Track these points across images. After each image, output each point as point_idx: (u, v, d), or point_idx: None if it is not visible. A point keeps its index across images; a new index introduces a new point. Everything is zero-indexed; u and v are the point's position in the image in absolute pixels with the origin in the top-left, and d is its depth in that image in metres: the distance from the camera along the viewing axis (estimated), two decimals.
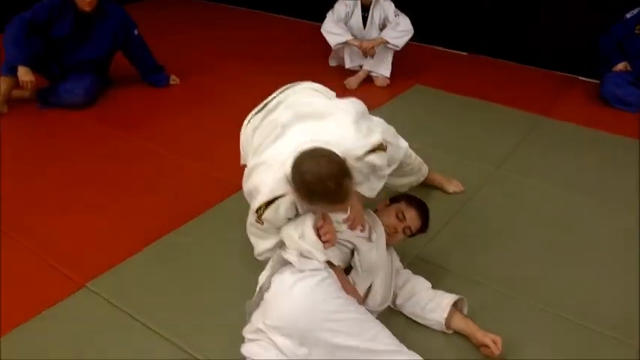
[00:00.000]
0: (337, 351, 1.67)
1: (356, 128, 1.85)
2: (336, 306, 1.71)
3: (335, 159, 1.69)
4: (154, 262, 2.38)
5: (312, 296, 1.70)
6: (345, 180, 1.66)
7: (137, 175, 3.03)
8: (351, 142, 1.81)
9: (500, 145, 3.37)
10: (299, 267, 1.78)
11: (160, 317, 2.08)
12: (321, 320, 1.68)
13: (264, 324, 1.74)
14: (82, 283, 2.24)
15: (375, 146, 1.86)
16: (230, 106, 3.86)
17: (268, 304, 1.76)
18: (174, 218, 2.63)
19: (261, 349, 1.74)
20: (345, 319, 1.69)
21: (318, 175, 1.63)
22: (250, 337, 1.79)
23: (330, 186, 1.63)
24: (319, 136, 1.77)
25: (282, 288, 1.75)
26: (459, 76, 4.50)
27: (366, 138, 1.86)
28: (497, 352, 1.86)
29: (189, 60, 4.67)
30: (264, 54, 4.87)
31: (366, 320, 1.75)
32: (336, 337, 1.67)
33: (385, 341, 1.72)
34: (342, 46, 4.12)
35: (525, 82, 4.40)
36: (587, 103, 4.02)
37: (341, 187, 1.65)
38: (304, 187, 1.66)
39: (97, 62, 3.86)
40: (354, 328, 1.69)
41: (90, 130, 3.51)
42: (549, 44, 4.60)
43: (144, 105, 3.90)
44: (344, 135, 1.81)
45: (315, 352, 1.68)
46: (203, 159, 3.16)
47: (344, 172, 1.67)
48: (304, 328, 1.67)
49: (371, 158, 1.86)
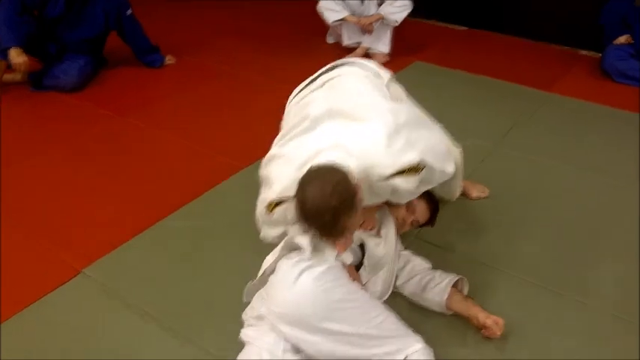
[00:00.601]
0: (344, 338, 1.65)
1: (388, 143, 1.67)
2: (342, 294, 1.67)
3: (342, 188, 1.51)
4: (151, 246, 2.36)
5: (318, 284, 1.66)
6: (344, 216, 1.51)
7: (133, 158, 3.00)
8: (378, 158, 1.66)
9: (499, 122, 3.32)
10: (309, 254, 1.72)
11: (156, 303, 2.07)
12: (328, 309, 1.64)
13: (268, 309, 1.71)
14: (79, 268, 2.23)
15: (406, 167, 1.67)
16: (226, 86, 3.82)
17: (273, 289, 1.72)
18: (171, 201, 2.60)
19: (259, 332, 1.72)
20: (350, 308, 1.66)
21: (317, 206, 1.50)
22: (251, 322, 1.77)
23: (326, 219, 1.51)
24: (346, 140, 1.68)
25: (288, 275, 1.69)
26: (460, 52, 4.43)
27: (398, 156, 1.67)
28: (499, 334, 1.84)
29: (185, 39, 4.60)
30: (260, 32, 4.80)
31: (372, 307, 1.72)
32: (343, 326, 1.64)
33: (392, 327, 1.70)
34: (340, 23, 4.05)
35: (526, 57, 4.33)
36: (588, 78, 3.96)
37: (337, 222, 1.51)
38: (300, 212, 1.55)
39: (90, 42, 3.81)
40: (361, 316, 1.66)
41: (84, 112, 3.47)
42: (551, 17, 4.52)
43: (139, 86, 3.85)
44: (373, 147, 1.67)
45: (321, 340, 1.65)
46: (199, 140, 3.12)
47: (346, 206, 1.51)
48: (311, 316, 1.64)
49: (397, 182, 1.68)
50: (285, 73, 3.90)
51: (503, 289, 2.13)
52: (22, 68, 3.53)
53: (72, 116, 3.43)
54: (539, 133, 3.22)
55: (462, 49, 4.49)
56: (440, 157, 1.82)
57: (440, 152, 1.84)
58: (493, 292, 2.09)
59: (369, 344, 1.65)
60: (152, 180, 2.80)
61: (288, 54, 4.29)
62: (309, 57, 4.21)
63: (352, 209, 1.53)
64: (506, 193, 2.68)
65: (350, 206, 1.52)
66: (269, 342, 1.67)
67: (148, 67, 4.05)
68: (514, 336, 1.92)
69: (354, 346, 1.65)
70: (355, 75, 2.02)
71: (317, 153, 1.67)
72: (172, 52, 4.19)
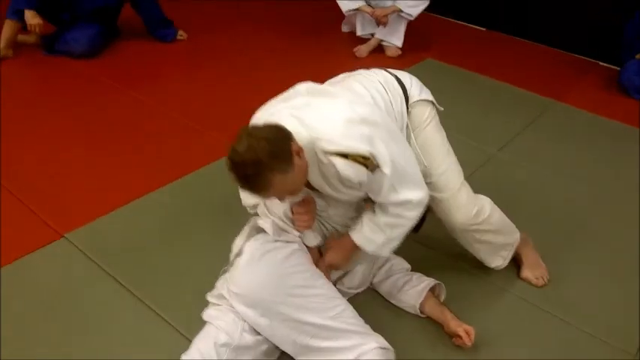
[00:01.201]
0: (299, 326, 1.65)
1: (345, 125, 1.59)
2: (303, 280, 1.68)
3: (272, 144, 1.46)
4: (135, 218, 2.37)
5: (279, 268, 1.68)
6: (269, 172, 1.46)
7: (131, 130, 3.00)
8: (326, 133, 1.57)
9: (505, 128, 3.27)
10: (273, 236, 1.75)
11: (132, 274, 2.08)
12: (286, 294, 1.65)
13: (227, 290, 1.72)
14: (61, 232, 2.24)
15: (352, 154, 1.56)
16: (235, 67, 3.80)
17: (235, 270, 1.73)
18: (162, 176, 2.61)
19: (219, 312, 1.72)
20: (309, 295, 1.66)
21: (242, 159, 1.45)
22: (213, 302, 1.78)
23: (248, 172, 1.46)
24: (305, 113, 1.63)
25: (251, 257, 1.72)
26: (474, 53, 4.36)
27: (348, 139, 1.57)
28: (469, 344, 1.82)
29: (199, 17, 4.58)
30: (276, 17, 4.76)
31: (332, 297, 1.72)
32: (299, 313, 1.64)
33: (349, 321, 1.69)
34: (355, 12, 4.00)
35: (542, 64, 4.25)
36: (603, 90, 3.87)
37: (260, 176, 1.46)
38: (228, 162, 1.49)
39: (105, 11, 3.81)
40: (318, 305, 1.66)
41: (91, 81, 3.48)
42: (572, 26, 4.42)
43: (148, 59, 3.85)
44: (326, 122, 1.60)
45: (276, 324, 1.65)
46: (198, 118, 3.12)
47: (274, 163, 1.45)
48: (267, 300, 1.65)
49: (339, 164, 1.56)
50: (296, 57, 3.89)
51: (483, 298, 2.10)
52: (37, 30, 3.56)
53: (78, 83, 3.45)
54: (543, 142, 3.16)
55: (477, 51, 4.42)
56: (401, 174, 1.66)
57: (404, 171, 1.68)
58: (472, 300, 2.06)
59: (322, 335, 1.64)
60: (146, 153, 2.80)
61: (301, 39, 4.26)
62: (322, 44, 4.18)
63: (281, 169, 1.48)
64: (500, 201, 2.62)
65: (279, 165, 1.47)
66: (227, 322, 1.67)
67: (160, 42, 4.04)
68: (486, 346, 1.89)
69: (307, 335, 1.64)
70: (367, 78, 1.93)
71: (271, 115, 1.63)
72: (185, 28, 4.17)
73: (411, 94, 1.93)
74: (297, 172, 1.53)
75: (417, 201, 1.71)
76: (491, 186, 2.69)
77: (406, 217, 1.73)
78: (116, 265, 2.11)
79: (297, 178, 1.56)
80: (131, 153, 2.80)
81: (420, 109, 1.95)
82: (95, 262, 2.12)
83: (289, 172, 1.50)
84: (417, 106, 1.94)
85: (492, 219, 2.01)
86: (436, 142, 1.96)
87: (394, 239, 1.79)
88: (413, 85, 1.97)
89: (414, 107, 1.93)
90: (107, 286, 2.03)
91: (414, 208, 1.72)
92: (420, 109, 1.95)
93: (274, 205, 1.83)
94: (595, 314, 2.06)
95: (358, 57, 4.00)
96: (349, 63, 3.96)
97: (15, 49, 3.68)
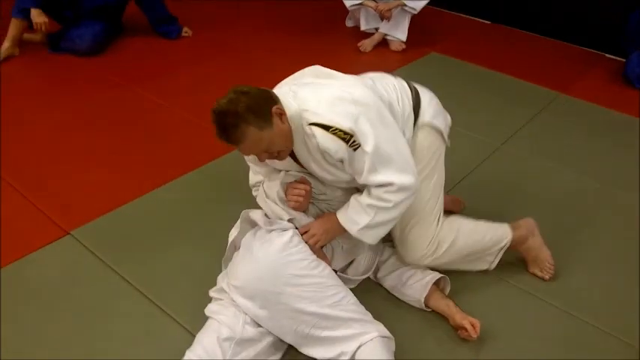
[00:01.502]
0: (299, 316, 1.66)
1: (332, 102, 1.64)
2: (300, 269, 1.68)
3: (253, 101, 1.57)
4: (141, 215, 2.38)
5: (276, 259, 1.68)
6: (246, 125, 1.55)
7: (135, 127, 3.02)
8: (313, 105, 1.64)
9: (510, 121, 3.26)
10: (265, 227, 1.77)
11: (137, 270, 2.09)
12: (284, 284, 1.66)
13: (227, 284, 1.73)
14: (67, 230, 2.26)
15: (332, 127, 1.60)
16: (239, 63, 3.81)
17: (234, 264, 1.74)
18: (167, 172, 2.62)
19: (220, 306, 1.73)
20: (308, 284, 1.67)
21: (221, 109, 1.58)
22: (214, 296, 1.79)
23: (225, 123, 1.57)
24: (303, 88, 1.71)
25: (247, 249, 1.74)
26: (479, 46, 4.34)
27: (332, 113, 1.61)
28: (475, 336, 1.82)
29: (204, 14, 4.59)
30: (280, 12, 4.76)
31: (332, 285, 1.72)
32: (298, 302, 1.65)
33: (349, 307, 1.69)
34: (358, 7, 4.00)
35: (548, 56, 4.23)
36: (609, 82, 3.85)
37: (238, 127, 1.56)
38: (211, 117, 1.60)
39: (109, 8, 3.83)
40: (317, 294, 1.67)
41: (95, 78, 3.50)
42: (576, 18, 4.40)
43: (152, 56, 3.87)
44: (316, 97, 1.66)
45: (275, 315, 1.67)
46: (203, 115, 3.09)
47: (253, 117, 1.56)
48: (266, 291, 1.66)
49: (318, 133, 1.61)
50: (300, 54, 3.88)
51: (487, 290, 2.09)
52: (43, 28, 3.59)
53: (83, 80, 3.47)
54: (547, 134, 3.16)
55: (482, 44, 4.40)
56: (384, 157, 1.66)
57: (388, 154, 1.67)
58: (476, 293, 2.06)
59: (322, 324, 1.65)
60: (150, 150, 2.82)
61: (305, 34, 4.26)
62: (326, 39, 4.18)
63: (257, 124, 1.57)
64: (503, 194, 2.63)
65: (255, 119, 1.56)
66: (229, 315, 1.68)
67: (164, 38, 4.05)
68: (491, 339, 1.89)
69: (307, 325, 1.65)
70: (383, 76, 1.94)
71: (274, 89, 1.71)
72: (190, 25, 4.18)
73: (423, 111, 1.90)
74: (276, 132, 1.61)
75: (400, 185, 1.68)
76: (496, 179, 2.71)
77: (388, 200, 1.69)
78: (121, 261, 2.13)
79: (276, 139, 1.63)
80: (136, 150, 2.81)
81: (425, 135, 1.91)
82: (100, 259, 2.14)
83: (265, 130, 1.59)
84: (424, 131, 1.91)
85: (453, 249, 1.96)
86: (425, 185, 1.88)
87: (378, 225, 1.76)
88: (431, 105, 1.93)
89: (421, 130, 1.90)
90: (112, 283, 2.05)
91: (397, 191, 1.69)
92: (425, 135, 1.91)
93: (271, 187, 1.85)
94: (599, 307, 2.05)
95: (362, 52, 4.00)
96: (353, 58, 3.96)
97: (20, 47, 3.70)
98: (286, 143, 1.68)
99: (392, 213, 1.74)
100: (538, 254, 2.13)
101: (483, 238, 2.02)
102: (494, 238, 2.04)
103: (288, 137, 1.67)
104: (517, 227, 2.10)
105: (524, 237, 2.10)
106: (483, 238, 2.02)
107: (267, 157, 1.68)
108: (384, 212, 1.72)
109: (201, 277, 2.05)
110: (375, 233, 1.79)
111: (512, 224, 2.10)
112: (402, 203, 1.72)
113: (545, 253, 2.13)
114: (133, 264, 2.12)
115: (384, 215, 1.73)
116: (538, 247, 2.12)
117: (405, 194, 1.71)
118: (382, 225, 1.77)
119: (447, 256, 1.96)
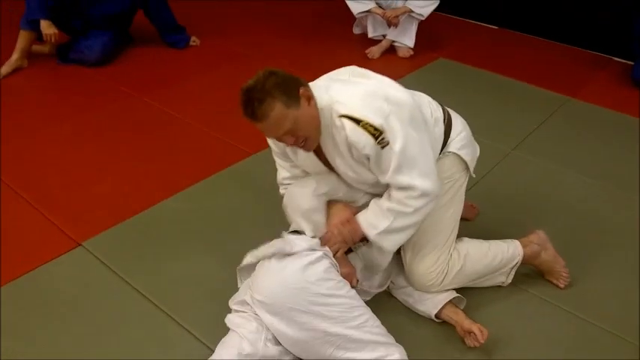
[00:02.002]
0: (323, 336, 1.63)
1: (365, 97, 1.64)
2: (326, 289, 1.65)
3: (281, 80, 1.59)
4: (152, 225, 2.38)
5: (302, 276, 1.65)
6: (272, 100, 1.56)
7: (145, 137, 3.02)
8: (346, 98, 1.64)
9: (520, 126, 3.25)
10: (288, 250, 1.71)
11: (149, 281, 2.09)
12: (309, 303, 1.62)
13: (251, 297, 1.70)
14: (79, 241, 2.26)
15: (362, 122, 1.59)
16: (248, 72, 3.74)
17: (258, 277, 1.72)
18: (176, 182, 2.62)
19: (242, 319, 1.71)
20: (334, 304, 1.64)
21: (249, 86, 1.60)
22: (235, 308, 1.77)
23: (251, 97, 1.57)
24: (337, 83, 1.72)
25: (274, 263, 1.70)
26: (487, 51, 4.33)
27: (364, 109, 1.61)
28: (482, 341, 1.80)
29: (212, 22, 4.60)
30: (289, 20, 4.77)
31: (356, 306, 1.69)
32: (324, 322, 1.62)
33: (373, 330, 1.67)
34: (366, 14, 4.00)
35: (556, 61, 4.21)
36: (617, 86, 3.82)
37: (263, 102, 1.56)
38: (240, 96, 1.62)
39: (117, 18, 3.84)
40: (342, 314, 1.64)
41: (104, 88, 3.52)
42: (584, 21, 4.38)
43: (161, 66, 3.88)
44: (348, 92, 1.67)
45: (298, 333, 1.64)
46: (212, 124, 3.12)
47: (279, 94, 1.57)
48: (290, 308, 1.62)
49: (348, 125, 1.59)
50: (309, 60, 3.88)
51: (498, 295, 2.07)
52: (53, 39, 3.60)
53: (92, 91, 3.48)
54: (557, 139, 3.14)
55: (490, 49, 4.39)
56: (410, 159, 1.64)
57: (414, 157, 1.65)
58: (489, 300, 2.04)
59: (346, 346, 1.62)
60: (160, 160, 2.82)
61: (314, 42, 4.26)
62: (334, 46, 4.18)
63: (283, 101, 1.57)
64: (515, 199, 2.62)
65: (281, 96, 1.57)
66: (251, 330, 1.66)
67: (172, 48, 4.07)
68: (503, 345, 1.88)
69: (331, 345, 1.62)
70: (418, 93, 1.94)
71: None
72: (197, 33, 4.20)
73: (452, 139, 1.89)
74: (303, 114, 1.61)
75: (422, 190, 1.66)
76: (508, 184, 2.70)
77: (409, 205, 1.68)
78: (133, 272, 2.13)
79: (303, 122, 1.62)
80: (146, 160, 2.81)
81: (449, 164, 1.90)
82: (112, 270, 2.13)
83: (291, 108, 1.59)
84: (449, 159, 1.90)
85: (463, 274, 1.94)
86: (440, 216, 1.87)
87: (397, 230, 1.73)
88: (461, 136, 1.92)
89: (447, 157, 1.89)
90: (124, 293, 2.04)
91: (418, 197, 1.67)
92: (449, 164, 1.90)
93: (302, 196, 1.85)
94: (611, 311, 2.04)
95: (370, 58, 4.00)
96: (361, 65, 3.86)
97: (29, 59, 3.72)
98: (313, 130, 1.67)
99: (412, 218, 1.72)
100: (552, 266, 2.10)
101: (493, 260, 2.00)
102: (504, 260, 2.01)
103: (315, 123, 1.66)
104: (528, 243, 2.06)
105: (537, 252, 2.06)
106: (493, 260, 2.00)
107: (292, 141, 1.66)
108: (404, 217, 1.71)
109: (213, 287, 2.05)
110: (394, 239, 1.76)
111: (522, 240, 2.07)
112: (422, 209, 1.71)
113: (559, 264, 2.10)
114: (145, 274, 2.12)
115: (404, 220, 1.72)
116: (551, 260, 2.09)
117: (426, 200, 1.69)
118: (401, 231, 1.75)
119: (455, 282, 1.94)
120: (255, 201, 2.50)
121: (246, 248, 1.86)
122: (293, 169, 1.96)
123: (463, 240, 2.01)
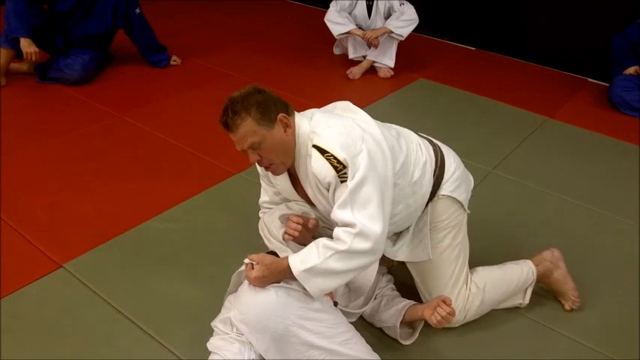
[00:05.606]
0: (308, 350, 1.63)
1: (341, 131, 1.64)
2: (312, 305, 1.65)
3: (263, 100, 1.66)
4: (134, 246, 2.35)
5: (285, 292, 1.64)
6: (244, 113, 1.63)
7: (127, 157, 3.00)
8: (321, 129, 1.66)
9: (499, 146, 3.30)
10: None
11: (131, 302, 2.06)
12: (296, 317, 1.62)
13: (234, 315, 1.69)
14: (60, 263, 2.23)
15: (328, 153, 1.60)
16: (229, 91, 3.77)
17: (241, 295, 1.71)
18: (159, 202, 2.60)
19: (224, 342, 1.69)
20: (319, 319, 1.64)
21: (233, 97, 1.67)
22: (218, 328, 1.74)
23: (229, 108, 1.64)
24: (324, 115, 1.75)
25: None
26: (466, 72, 4.40)
27: (334, 141, 1.61)
28: (448, 310, 1.79)
29: (192, 41, 4.62)
30: (269, 39, 4.81)
31: (342, 323, 1.71)
32: (309, 336, 1.62)
33: (358, 347, 1.68)
34: (346, 35, 4.04)
35: (533, 82, 4.30)
36: (594, 107, 3.92)
37: (235, 114, 1.63)
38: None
39: (97, 38, 3.83)
40: (328, 330, 1.64)
41: (84, 108, 3.48)
42: (560, 44, 4.49)
43: (142, 85, 3.86)
44: (329, 123, 1.69)
45: (284, 349, 1.63)
46: (194, 144, 3.11)
47: (252, 109, 1.63)
48: (275, 324, 1.61)
49: (314, 154, 1.61)
50: (289, 80, 3.90)
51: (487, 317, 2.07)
52: (33, 58, 3.57)
53: (72, 110, 3.45)
54: (536, 159, 3.20)
55: (468, 70, 4.46)
56: (362, 199, 1.58)
57: (367, 198, 1.59)
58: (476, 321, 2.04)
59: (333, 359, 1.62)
60: (142, 180, 2.80)
61: (294, 62, 4.29)
62: (314, 67, 4.21)
63: (257, 119, 1.63)
64: (495, 219, 2.65)
65: (257, 115, 1.63)
66: (234, 352, 1.65)
67: (154, 67, 4.06)
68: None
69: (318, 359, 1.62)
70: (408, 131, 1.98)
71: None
72: (179, 53, 4.20)
73: (444, 182, 1.91)
74: (275, 137, 1.66)
75: (362, 228, 1.55)
76: (490, 203, 2.72)
77: (344, 241, 1.56)
78: (115, 293, 2.10)
79: (273, 145, 1.66)
80: (128, 180, 2.79)
81: (444, 206, 1.92)
82: (94, 291, 2.10)
83: (263, 127, 1.64)
84: (443, 202, 1.92)
85: (483, 306, 2.00)
86: (448, 256, 1.93)
87: (325, 273, 1.58)
88: (454, 177, 1.93)
89: (441, 200, 1.92)
90: (107, 315, 2.01)
91: (356, 235, 1.55)
92: (444, 207, 1.93)
93: (272, 222, 1.86)
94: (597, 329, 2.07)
95: (351, 79, 4.03)
96: (342, 85, 4.00)
97: (7, 77, 3.68)
98: (280, 155, 1.71)
99: (343, 262, 1.57)
100: (561, 287, 2.12)
101: (509, 286, 2.04)
102: (520, 283, 2.05)
103: (286, 150, 1.70)
104: (541, 261, 2.10)
105: (550, 270, 2.10)
106: (509, 286, 2.04)
107: (255, 159, 1.70)
108: (337, 258, 1.56)
109: (197, 308, 2.03)
110: (319, 283, 1.60)
111: (535, 258, 2.11)
112: (357, 254, 1.58)
113: (568, 285, 2.11)
114: (128, 296, 2.09)
115: (335, 263, 1.57)
116: (562, 280, 2.11)
117: (363, 243, 1.56)
118: (329, 275, 1.59)
119: (477, 313, 2.00)
120: (240, 221, 2.48)
121: (230, 269, 1.84)
122: (275, 196, 1.97)
123: (477, 270, 2.04)
